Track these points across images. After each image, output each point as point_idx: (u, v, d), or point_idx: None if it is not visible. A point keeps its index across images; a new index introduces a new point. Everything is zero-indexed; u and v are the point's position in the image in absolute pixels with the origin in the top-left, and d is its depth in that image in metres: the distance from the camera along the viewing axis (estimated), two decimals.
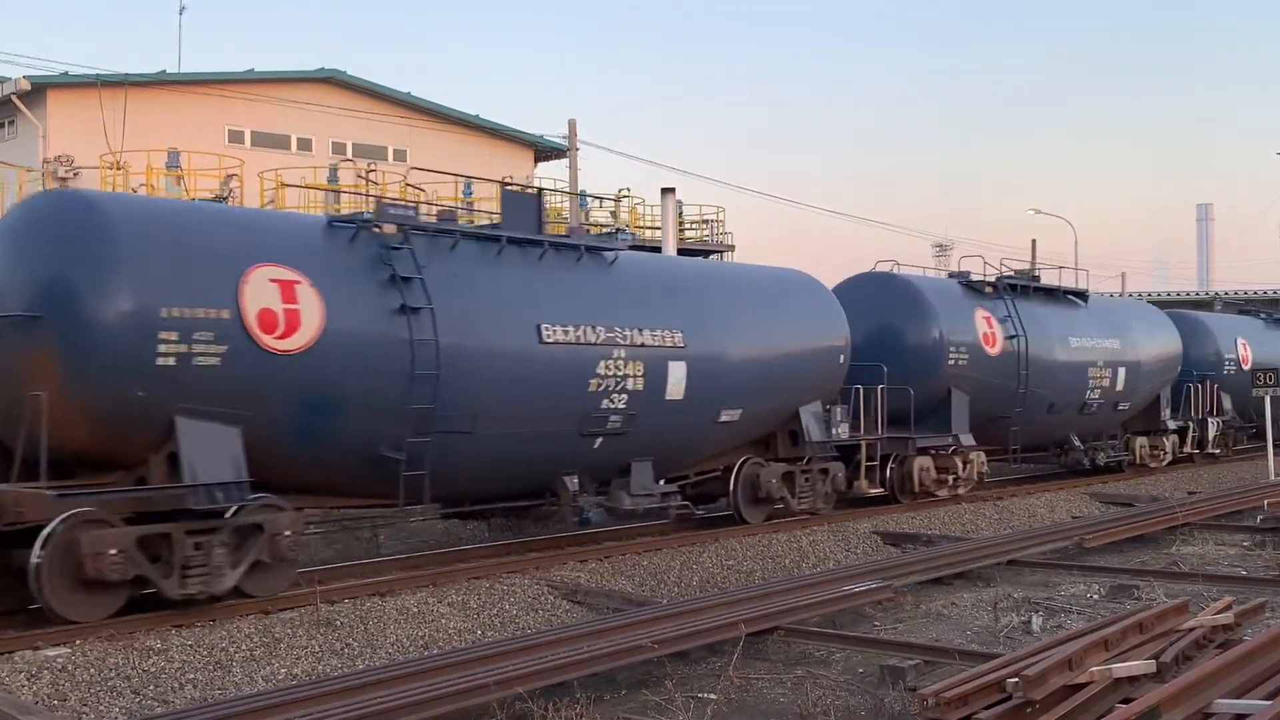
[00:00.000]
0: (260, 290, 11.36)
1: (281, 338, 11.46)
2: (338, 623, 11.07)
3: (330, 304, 11.83)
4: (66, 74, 32.20)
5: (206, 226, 11.80)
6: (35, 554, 10.13)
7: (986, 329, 21.25)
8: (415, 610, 11.69)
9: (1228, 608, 9.97)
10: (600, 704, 8.68)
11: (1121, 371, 24.25)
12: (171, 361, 10.76)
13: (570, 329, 14.00)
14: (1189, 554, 15.92)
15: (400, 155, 37.68)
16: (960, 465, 20.42)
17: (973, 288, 22.01)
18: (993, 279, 22.32)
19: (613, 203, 36.88)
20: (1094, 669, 7.92)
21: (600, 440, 14.47)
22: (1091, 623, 10.23)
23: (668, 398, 15.13)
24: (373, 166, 32.63)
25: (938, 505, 19.88)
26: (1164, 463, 26.41)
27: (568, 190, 32.22)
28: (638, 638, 9.63)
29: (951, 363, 20.42)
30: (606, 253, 15.27)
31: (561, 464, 14.27)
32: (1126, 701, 7.61)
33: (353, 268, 12.31)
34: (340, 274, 12.16)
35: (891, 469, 19.65)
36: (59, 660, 9.53)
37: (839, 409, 18.10)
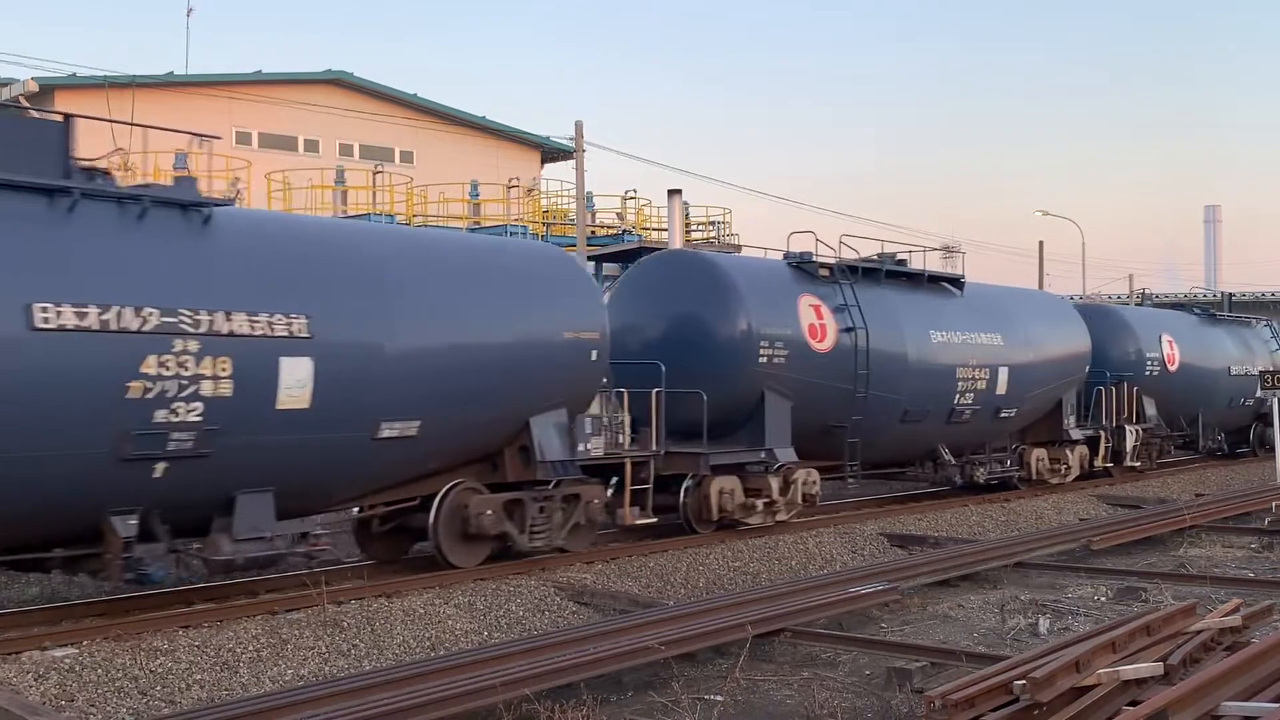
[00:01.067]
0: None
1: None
2: (344, 624, 11.08)
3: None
4: (74, 75, 32.31)
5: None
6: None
7: (815, 320, 17.39)
8: (422, 611, 11.69)
9: (1235, 610, 9.95)
10: (607, 705, 8.69)
11: (1003, 372, 20.42)
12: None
13: (94, 311, 10.05)
14: (1196, 556, 15.89)
15: (407, 157, 37.77)
16: (775, 486, 16.54)
17: (804, 271, 18.05)
18: (832, 261, 18.46)
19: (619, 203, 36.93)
20: (1101, 671, 7.90)
21: (164, 466, 10.53)
22: (1099, 625, 10.22)
23: (280, 407, 11.22)
24: (380, 168, 32.75)
25: (945, 507, 19.84)
26: (1068, 478, 22.68)
27: (574, 191, 32.27)
28: (644, 639, 9.63)
29: (764, 360, 16.57)
30: (196, 209, 11.20)
31: (101, 499, 10.40)
32: (1134, 704, 7.60)
33: None
34: None
35: (687, 490, 15.97)
36: (66, 660, 9.54)
37: (589, 420, 14.47)
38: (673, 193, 30.28)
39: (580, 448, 14.24)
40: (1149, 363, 25.72)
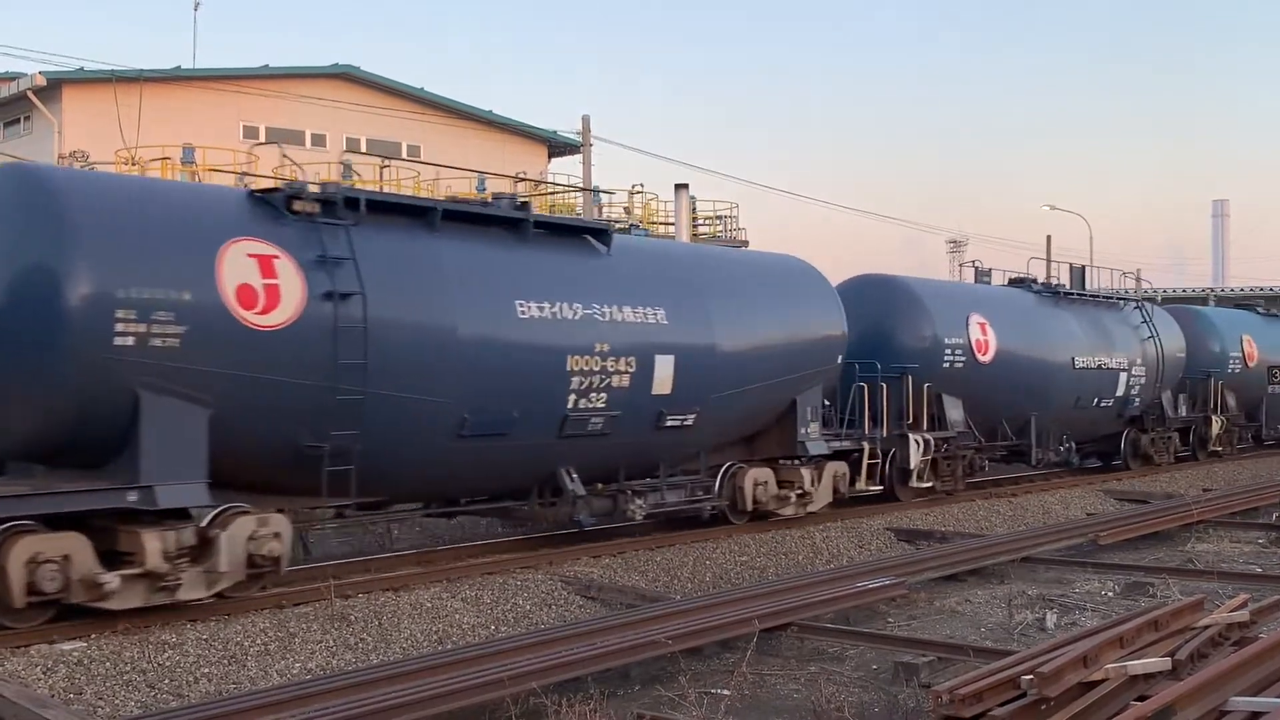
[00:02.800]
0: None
1: None
2: (351, 618, 11.10)
3: None
4: (82, 70, 32.35)
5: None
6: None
7: (257, 279, 11.07)
8: (429, 605, 11.71)
9: (1243, 605, 9.93)
10: (614, 699, 8.69)
11: (664, 363, 14.46)
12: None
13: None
14: (1204, 551, 15.87)
15: (414, 151, 37.76)
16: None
17: (269, 205, 11.76)
18: (320, 191, 12.01)
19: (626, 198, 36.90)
20: (1109, 666, 7.89)
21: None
22: (1106, 620, 10.21)
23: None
24: (386, 162, 32.74)
25: (951, 502, 19.82)
26: (809, 507, 16.95)
27: (581, 186, 32.24)
28: (651, 633, 9.64)
29: (129, 344, 10.34)
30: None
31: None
32: (1141, 699, 7.58)
33: None
34: None
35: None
36: (75, 654, 9.56)
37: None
38: (679, 187, 30.22)
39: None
40: (949, 351, 19.88)
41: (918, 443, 18.89)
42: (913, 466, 18.87)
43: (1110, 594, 12.89)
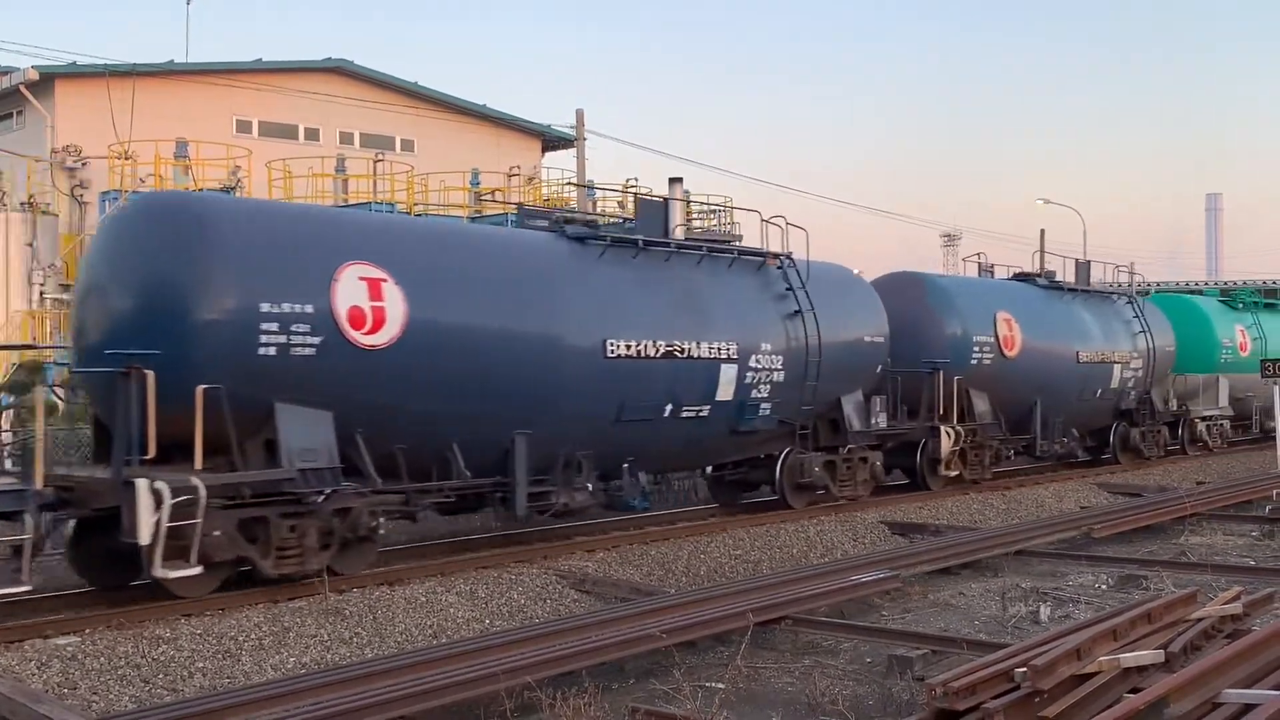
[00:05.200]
0: None
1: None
2: (346, 612, 11.09)
3: None
4: (74, 64, 32.23)
5: None
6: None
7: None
8: (423, 599, 11.71)
9: (1236, 598, 9.95)
10: (608, 693, 8.69)
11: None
12: None
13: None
14: (1197, 544, 15.90)
15: (408, 145, 37.70)
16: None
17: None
18: None
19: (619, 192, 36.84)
20: (1102, 659, 7.91)
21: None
22: (1100, 613, 10.23)
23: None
24: (380, 156, 32.68)
25: (946, 496, 19.84)
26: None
27: (575, 180, 32.22)
28: (646, 627, 9.65)
29: None
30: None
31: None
32: (1135, 691, 7.60)
33: None
34: None
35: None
36: (69, 649, 9.56)
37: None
38: (674, 181, 30.21)
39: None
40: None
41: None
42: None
43: (1104, 587, 12.92)
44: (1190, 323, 27.84)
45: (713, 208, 31.01)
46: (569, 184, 33.19)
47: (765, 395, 16.63)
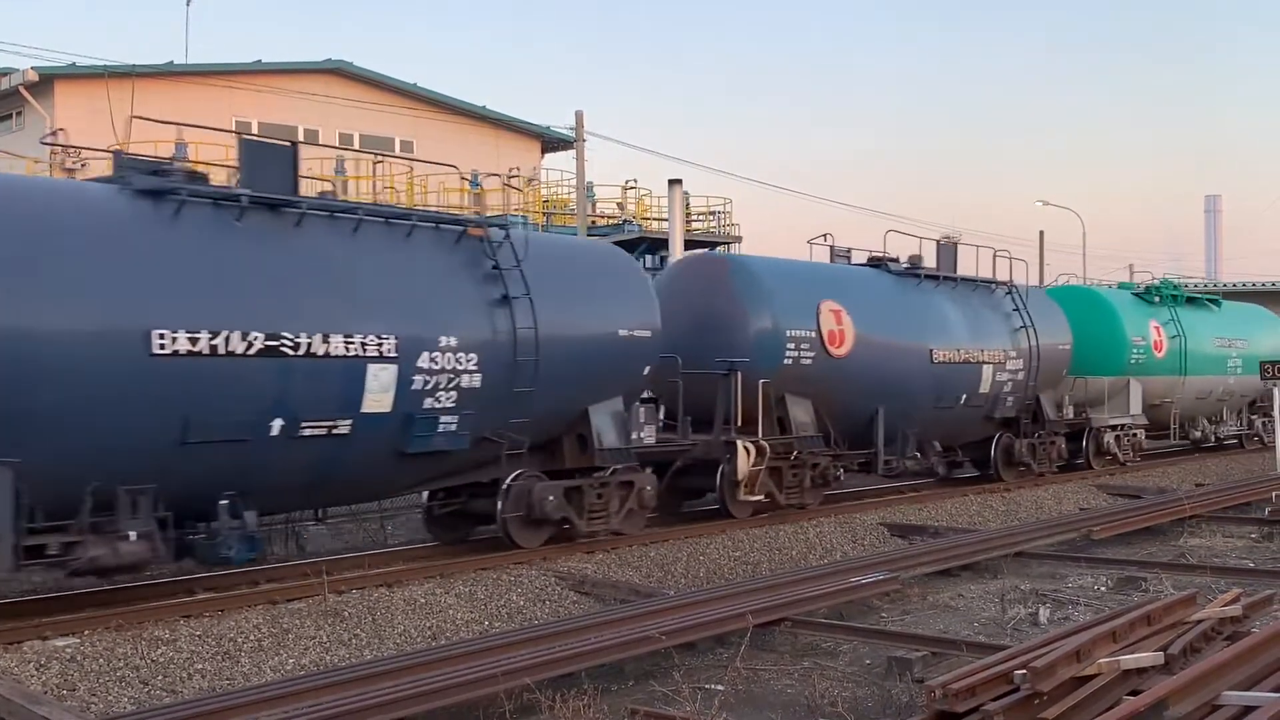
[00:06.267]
0: None
1: None
2: (345, 613, 11.09)
3: None
4: (74, 65, 32.22)
5: None
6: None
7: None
8: (423, 601, 11.71)
9: (1236, 600, 9.95)
10: (608, 695, 8.69)
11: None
12: None
13: None
14: (1197, 546, 15.90)
15: (407, 146, 37.69)
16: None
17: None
18: None
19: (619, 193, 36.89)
20: (1102, 661, 7.91)
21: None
22: (1099, 615, 10.23)
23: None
24: (380, 158, 32.67)
25: (945, 497, 19.84)
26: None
27: (575, 181, 32.23)
28: (645, 629, 9.64)
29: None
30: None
31: None
32: (1134, 693, 7.61)
33: None
34: None
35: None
36: (68, 650, 9.56)
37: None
38: (673, 183, 30.20)
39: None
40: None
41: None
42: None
43: (1103, 589, 12.92)
44: (1093, 319, 24.14)
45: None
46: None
47: (449, 405, 12.60)
